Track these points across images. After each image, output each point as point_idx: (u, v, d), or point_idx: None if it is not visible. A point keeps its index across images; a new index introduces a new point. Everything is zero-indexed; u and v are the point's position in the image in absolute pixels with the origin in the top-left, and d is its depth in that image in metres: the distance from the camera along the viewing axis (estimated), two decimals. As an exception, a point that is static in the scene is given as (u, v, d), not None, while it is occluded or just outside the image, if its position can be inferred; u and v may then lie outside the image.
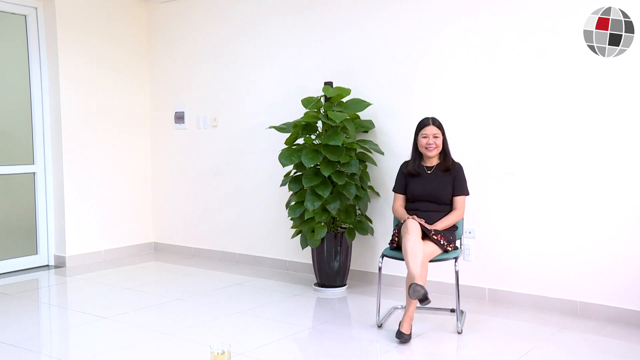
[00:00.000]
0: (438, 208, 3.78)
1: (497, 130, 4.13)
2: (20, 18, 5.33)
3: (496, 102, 4.13)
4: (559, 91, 3.91)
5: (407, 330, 3.43)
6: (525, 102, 4.03)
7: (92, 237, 5.65)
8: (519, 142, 4.06)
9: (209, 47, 5.63)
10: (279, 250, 5.24)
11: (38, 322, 4.09)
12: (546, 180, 3.97)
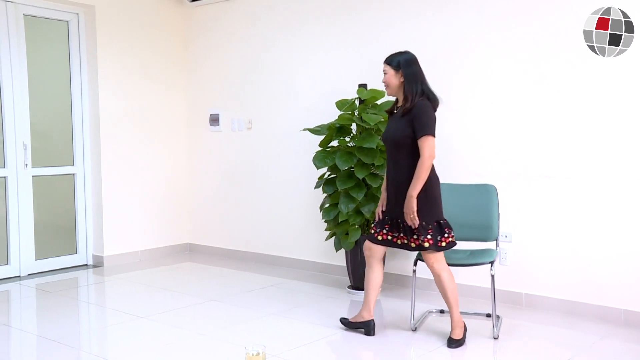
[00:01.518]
0: (397, 157, 3.37)
1: (534, 132, 4.07)
2: (62, 24, 5.47)
3: (532, 103, 4.06)
4: (590, 92, 3.84)
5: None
6: (562, 103, 3.96)
7: (129, 238, 5.75)
8: (557, 144, 3.98)
9: (243, 50, 5.68)
10: (313, 253, 5.25)
11: (78, 319, 4.18)
12: (586, 183, 3.89)
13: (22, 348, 3.58)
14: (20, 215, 5.17)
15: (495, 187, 3.86)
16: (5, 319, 4.06)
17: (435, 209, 3.36)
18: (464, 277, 4.35)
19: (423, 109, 3.31)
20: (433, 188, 3.36)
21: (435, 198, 3.37)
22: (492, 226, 3.78)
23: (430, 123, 3.29)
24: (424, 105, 3.33)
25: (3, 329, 3.80)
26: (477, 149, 4.31)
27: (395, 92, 3.44)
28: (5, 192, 5.10)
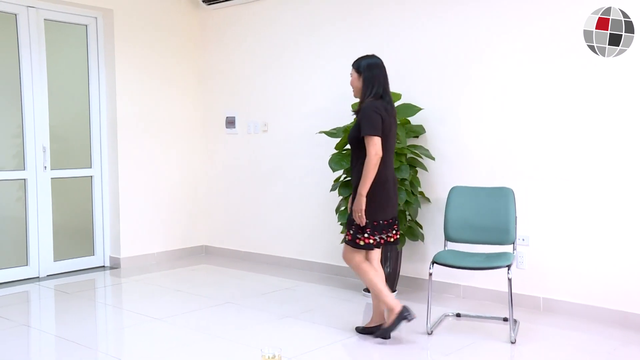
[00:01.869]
0: (351, 158, 3.54)
1: (551, 134, 4.03)
2: (81, 28, 5.53)
3: (548, 105, 4.03)
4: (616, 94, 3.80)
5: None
6: (578, 104, 3.92)
7: (146, 240, 5.79)
8: (574, 146, 3.94)
9: (259, 52, 5.70)
10: (329, 255, 5.25)
11: (95, 320, 4.22)
12: (604, 185, 3.84)
13: (41, 348, 3.62)
14: (40, 217, 5.22)
15: (512, 190, 3.83)
16: (25, 319, 4.11)
17: (369, 208, 3.39)
18: (481, 281, 4.32)
19: (366, 109, 3.39)
20: (372, 188, 3.38)
21: (371, 197, 3.38)
22: (509, 229, 3.75)
23: (372, 123, 3.35)
24: (369, 105, 3.41)
25: (23, 329, 3.85)
26: (493, 152, 4.28)
27: (357, 94, 3.55)
28: (25, 194, 5.16)
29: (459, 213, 3.92)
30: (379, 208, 3.43)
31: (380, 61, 3.56)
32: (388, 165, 3.48)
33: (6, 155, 5.09)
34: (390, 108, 3.50)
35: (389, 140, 3.46)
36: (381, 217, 3.46)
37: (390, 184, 3.49)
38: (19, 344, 3.62)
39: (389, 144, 3.47)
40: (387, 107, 3.46)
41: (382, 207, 3.45)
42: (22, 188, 5.16)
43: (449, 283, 4.48)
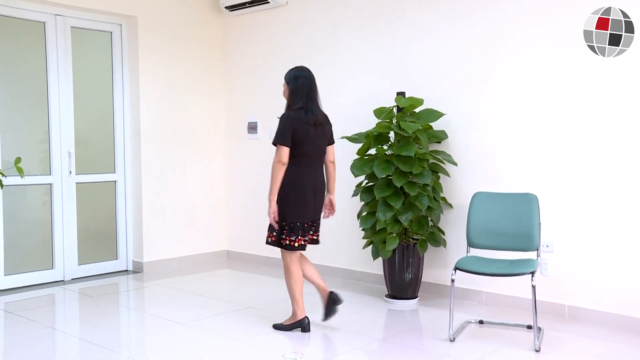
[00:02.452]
0: None
1: (575, 139, 3.97)
2: (106, 35, 5.62)
3: (571, 110, 3.98)
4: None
5: None
6: (605, 110, 3.86)
7: (168, 244, 5.84)
8: (598, 151, 3.89)
9: (281, 58, 5.73)
10: (350, 261, 5.23)
11: (118, 324, 4.26)
12: (630, 191, 3.78)
13: (66, 350, 3.67)
14: (65, 221, 5.30)
15: (536, 196, 3.79)
16: (50, 321, 4.17)
17: (283, 210, 3.65)
18: (504, 287, 4.28)
19: (280, 120, 3.66)
20: (284, 191, 3.63)
21: (286, 200, 3.64)
22: (532, 236, 3.70)
23: (280, 133, 3.61)
24: (283, 116, 3.67)
25: (49, 332, 3.91)
26: (517, 157, 4.24)
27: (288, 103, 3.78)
28: (50, 199, 5.25)
29: (482, 219, 3.89)
30: (295, 211, 3.65)
31: (307, 72, 3.77)
32: (306, 171, 3.68)
33: (33, 160, 5.17)
34: (312, 117, 3.66)
35: (304, 147, 3.64)
36: (298, 219, 3.67)
37: (307, 189, 3.67)
38: (45, 346, 3.67)
39: (306, 151, 3.66)
40: (307, 117, 3.64)
41: (299, 210, 3.66)
42: (48, 192, 5.25)
43: (471, 289, 4.43)
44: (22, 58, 5.14)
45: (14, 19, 5.03)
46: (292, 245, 3.68)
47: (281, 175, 3.63)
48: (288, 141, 3.60)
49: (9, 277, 4.96)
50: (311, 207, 3.72)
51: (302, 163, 3.66)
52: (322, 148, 3.78)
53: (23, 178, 4.69)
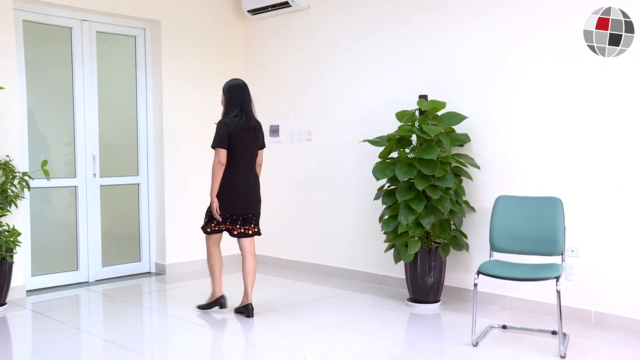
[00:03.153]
0: None
1: (601, 143, 3.92)
2: (130, 39, 5.69)
3: (597, 113, 3.92)
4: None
5: None
6: (628, 112, 3.80)
7: (190, 247, 5.87)
8: (626, 154, 3.82)
9: (303, 61, 5.74)
10: (372, 264, 5.22)
11: (141, 325, 4.30)
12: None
13: (90, 351, 3.71)
14: (89, 223, 5.37)
15: (560, 200, 3.74)
16: (75, 322, 4.22)
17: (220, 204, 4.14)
18: (528, 292, 4.23)
19: (217, 126, 4.12)
20: (220, 189, 4.11)
21: (220, 196, 4.13)
22: (557, 240, 3.66)
23: (218, 137, 4.05)
24: (219, 122, 4.13)
25: (73, 332, 3.96)
26: (541, 160, 4.19)
27: None
28: (75, 201, 5.32)
29: (505, 223, 3.85)
30: (227, 205, 4.13)
31: (241, 83, 4.21)
32: (239, 171, 4.14)
33: (58, 163, 5.25)
34: (245, 124, 4.11)
35: (238, 150, 4.09)
36: (229, 212, 4.16)
37: (239, 187, 4.15)
38: (70, 346, 3.72)
39: (238, 154, 4.11)
40: (240, 123, 4.09)
41: (229, 204, 4.14)
42: (73, 195, 5.32)
43: (494, 294, 4.39)
44: (49, 63, 5.22)
45: (43, 25, 5.13)
46: (206, 230, 4.29)
47: (221, 174, 4.07)
48: (225, 144, 4.05)
49: (35, 277, 5.04)
50: (242, 201, 4.17)
51: (236, 164, 4.11)
52: (254, 151, 4.24)
53: (49, 180, 4.79)
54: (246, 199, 4.20)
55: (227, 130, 4.06)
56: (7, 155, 4.59)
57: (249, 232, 4.26)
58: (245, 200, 4.19)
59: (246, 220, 4.24)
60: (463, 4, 4.57)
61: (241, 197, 4.17)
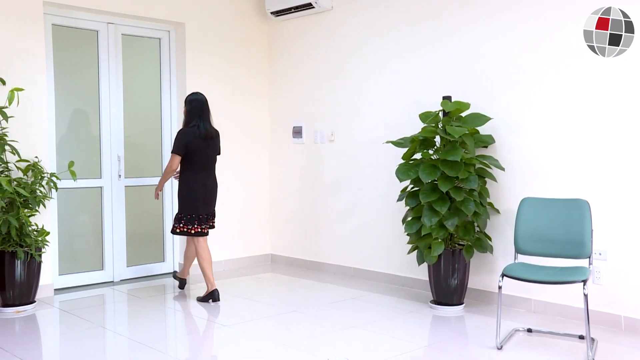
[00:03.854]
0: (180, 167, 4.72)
1: (632, 144, 3.84)
2: (155, 41, 5.75)
3: (627, 113, 3.85)
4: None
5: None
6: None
7: (213, 248, 5.88)
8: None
9: (326, 62, 5.75)
10: (395, 266, 5.20)
11: (165, 325, 4.34)
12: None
13: (115, 349, 3.75)
14: (114, 223, 5.44)
15: (587, 202, 3.68)
16: (101, 321, 4.28)
17: (182, 206, 4.66)
18: (554, 295, 4.17)
19: (177, 135, 4.63)
20: (182, 191, 4.66)
21: (182, 198, 4.65)
22: (584, 243, 3.60)
23: (177, 145, 4.57)
24: (179, 132, 4.65)
25: (99, 331, 4.02)
26: (567, 162, 4.13)
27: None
28: (101, 202, 5.39)
29: (531, 225, 3.80)
30: (191, 207, 4.62)
31: (201, 97, 4.71)
32: (198, 176, 4.64)
33: (84, 164, 5.33)
34: (203, 133, 4.60)
35: (195, 156, 4.60)
36: (194, 212, 4.63)
37: (199, 189, 4.63)
38: (96, 344, 3.77)
39: (198, 159, 4.63)
40: (199, 132, 4.59)
41: (193, 206, 4.63)
42: (99, 196, 5.40)
43: (519, 297, 4.34)
44: (76, 66, 5.31)
45: (70, 28, 5.21)
46: (189, 232, 4.65)
47: (169, 176, 4.75)
48: (182, 152, 4.57)
49: (62, 277, 5.12)
50: (202, 203, 4.65)
51: (195, 169, 4.64)
52: (212, 157, 4.74)
53: (76, 181, 4.86)
54: (204, 199, 4.67)
55: (186, 139, 4.57)
56: (35, 157, 4.68)
57: (206, 230, 4.74)
58: (204, 200, 4.67)
59: (208, 218, 4.73)
60: (486, 3, 4.53)
61: (201, 197, 4.64)
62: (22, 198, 4.35)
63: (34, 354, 3.61)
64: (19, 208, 4.31)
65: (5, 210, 4.35)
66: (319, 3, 5.57)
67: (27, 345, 3.75)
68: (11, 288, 4.37)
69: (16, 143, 4.51)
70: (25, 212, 4.35)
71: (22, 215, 4.32)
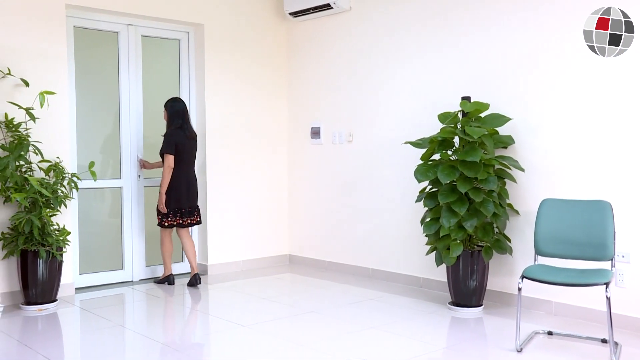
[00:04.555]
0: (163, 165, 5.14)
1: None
2: (174, 42, 5.80)
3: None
4: None
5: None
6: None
7: (232, 248, 5.94)
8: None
9: (344, 63, 5.74)
10: (413, 267, 5.17)
11: (183, 325, 4.37)
12: None
13: (134, 348, 3.78)
14: (133, 223, 5.49)
15: (609, 204, 3.63)
16: (121, 320, 4.32)
17: (167, 201, 5.09)
18: (575, 298, 4.11)
19: (166, 136, 5.09)
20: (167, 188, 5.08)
21: (168, 194, 5.08)
22: (606, 245, 3.55)
23: (168, 145, 5.03)
24: (167, 133, 5.10)
25: (119, 329, 4.06)
26: (589, 163, 4.07)
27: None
28: (121, 202, 5.44)
29: (551, 226, 3.76)
30: (173, 201, 5.09)
31: (181, 101, 5.22)
32: (183, 173, 5.12)
33: (105, 164, 5.39)
34: (188, 133, 5.16)
35: (182, 155, 5.08)
36: (175, 206, 5.11)
37: (183, 186, 5.12)
38: (115, 343, 3.81)
39: (183, 158, 5.10)
40: (184, 133, 5.11)
41: (175, 200, 5.09)
42: (118, 196, 5.45)
43: (539, 299, 4.29)
44: (97, 67, 5.37)
45: (91, 30, 5.27)
46: (163, 225, 5.14)
47: (170, 176, 5.04)
48: (173, 151, 5.02)
49: (83, 276, 5.18)
50: (185, 198, 5.13)
51: (180, 167, 5.08)
52: (194, 155, 5.26)
53: (96, 181, 4.92)
54: (187, 195, 5.15)
55: (175, 140, 5.03)
56: (57, 157, 4.74)
57: (191, 222, 5.22)
58: (186, 196, 5.14)
59: (190, 212, 5.21)
60: (506, 3, 4.49)
61: (184, 193, 5.12)
62: (44, 198, 4.41)
63: (56, 351, 3.66)
64: (41, 208, 4.37)
65: (28, 210, 4.41)
66: (337, 3, 5.57)
67: (50, 343, 3.81)
68: (34, 286, 4.43)
69: (39, 144, 4.57)
70: (47, 212, 4.41)
71: (44, 214, 4.38)
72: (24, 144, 4.40)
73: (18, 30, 4.64)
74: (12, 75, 4.55)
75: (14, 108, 4.52)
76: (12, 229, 4.49)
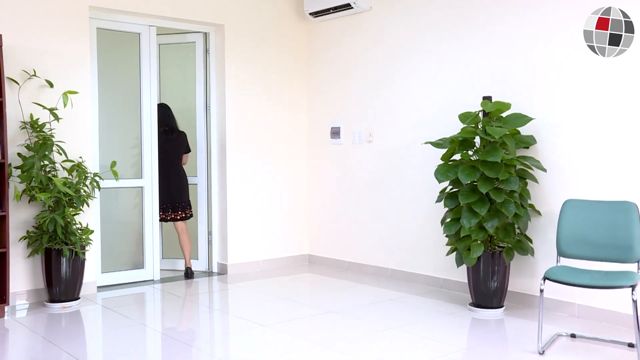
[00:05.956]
0: None
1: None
2: (194, 43, 5.84)
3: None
4: None
5: None
6: None
7: (252, 247, 5.96)
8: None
9: (364, 62, 5.73)
10: (433, 268, 5.15)
11: (203, 323, 4.40)
12: None
13: (155, 347, 3.82)
14: (154, 223, 5.54)
15: (635, 204, 3.57)
16: (142, 318, 4.37)
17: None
18: (599, 300, 4.05)
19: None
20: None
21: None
22: (632, 246, 3.49)
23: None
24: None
25: (139, 328, 4.10)
26: (611, 163, 4.02)
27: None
28: (141, 201, 5.50)
29: (574, 227, 3.71)
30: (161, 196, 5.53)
31: (165, 105, 5.64)
32: (164, 172, 5.57)
33: (126, 164, 5.45)
34: (171, 136, 5.63)
35: (160, 156, 5.51)
36: (161, 202, 5.51)
37: (164, 184, 5.53)
38: (137, 341, 3.85)
39: (161, 159, 5.52)
40: (166, 136, 5.58)
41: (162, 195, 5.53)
42: (139, 195, 5.50)
43: (561, 301, 4.24)
44: (118, 68, 5.43)
45: (113, 32, 5.33)
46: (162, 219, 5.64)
47: None
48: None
49: (105, 274, 5.24)
50: (167, 194, 5.53)
51: (162, 167, 5.54)
52: (175, 154, 5.65)
53: (117, 181, 4.97)
54: (168, 191, 5.53)
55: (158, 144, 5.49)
56: (80, 157, 4.80)
57: (179, 217, 5.57)
58: (168, 193, 5.53)
59: (176, 207, 5.55)
60: (527, 4, 4.44)
61: (165, 190, 5.52)
62: (68, 197, 4.47)
63: (79, 348, 3.71)
64: (64, 207, 4.43)
65: (52, 209, 4.48)
66: (358, 3, 5.56)
67: (73, 340, 3.86)
68: (57, 284, 4.49)
69: (62, 143, 4.64)
70: (70, 211, 4.47)
71: (68, 213, 4.44)
72: (48, 144, 4.47)
73: (43, 32, 4.72)
74: (37, 77, 4.62)
75: (39, 109, 4.59)
76: (36, 227, 4.56)
